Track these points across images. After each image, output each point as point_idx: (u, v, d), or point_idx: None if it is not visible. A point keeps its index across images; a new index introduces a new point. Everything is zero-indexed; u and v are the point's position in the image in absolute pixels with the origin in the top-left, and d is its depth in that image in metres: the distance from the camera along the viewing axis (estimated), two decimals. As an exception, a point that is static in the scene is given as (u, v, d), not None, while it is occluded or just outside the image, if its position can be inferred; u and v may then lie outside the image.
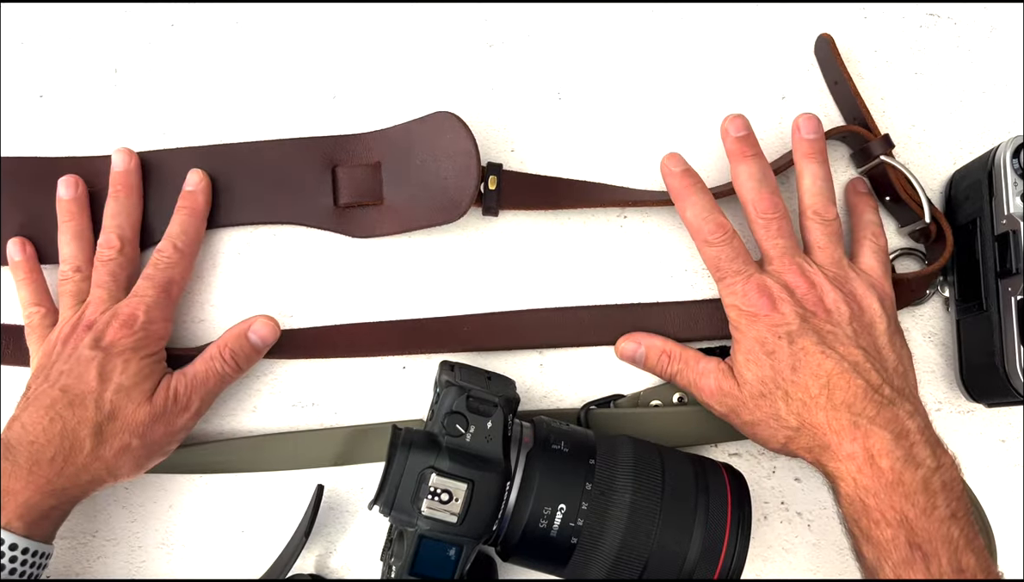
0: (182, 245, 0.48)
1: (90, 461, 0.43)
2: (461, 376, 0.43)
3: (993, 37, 0.52)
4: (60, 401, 0.43)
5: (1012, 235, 0.45)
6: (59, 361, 0.45)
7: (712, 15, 0.52)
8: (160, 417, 0.45)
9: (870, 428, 0.42)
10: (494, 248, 0.51)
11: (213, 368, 0.47)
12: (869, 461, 0.41)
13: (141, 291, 0.46)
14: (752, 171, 0.46)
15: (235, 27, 0.52)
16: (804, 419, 0.43)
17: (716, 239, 0.45)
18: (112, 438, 0.43)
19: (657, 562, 0.41)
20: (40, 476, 0.42)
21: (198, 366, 0.47)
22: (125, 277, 0.48)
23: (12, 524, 0.42)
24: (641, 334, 0.49)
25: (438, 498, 0.40)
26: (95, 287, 0.47)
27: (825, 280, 0.45)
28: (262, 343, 0.48)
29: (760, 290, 0.44)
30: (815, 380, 0.43)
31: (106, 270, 0.47)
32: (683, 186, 0.47)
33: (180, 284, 0.48)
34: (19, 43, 0.51)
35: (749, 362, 0.44)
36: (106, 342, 0.45)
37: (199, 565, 0.50)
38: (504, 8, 0.52)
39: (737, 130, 0.47)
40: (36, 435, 0.43)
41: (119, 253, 0.47)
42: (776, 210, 0.46)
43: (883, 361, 0.44)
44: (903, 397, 0.43)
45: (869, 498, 0.41)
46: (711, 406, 0.47)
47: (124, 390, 0.44)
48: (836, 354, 0.43)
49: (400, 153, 0.49)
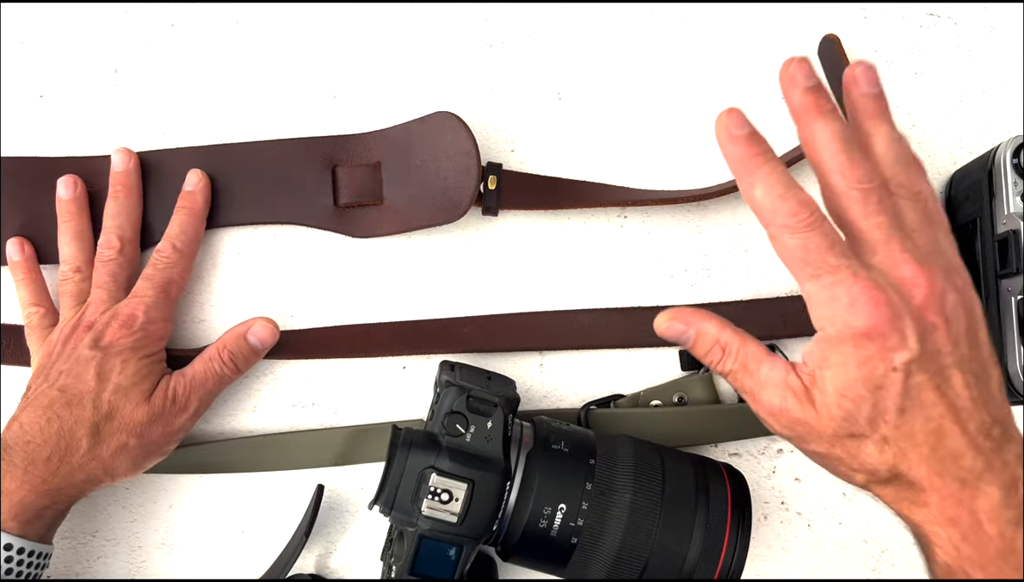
0: (181, 245, 0.48)
1: (86, 461, 0.43)
2: (461, 376, 0.43)
3: (993, 37, 0.52)
4: (58, 401, 0.43)
5: (1012, 235, 0.45)
6: (59, 361, 0.45)
7: (712, 15, 0.52)
8: (158, 417, 0.45)
9: (978, 486, 0.34)
10: (494, 248, 0.51)
11: (212, 369, 0.47)
12: (976, 527, 0.34)
13: (140, 291, 0.46)
14: (834, 130, 0.35)
15: (235, 27, 0.52)
16: (899, 470, 0.35)
17: (801, 223, 0.34)
18: (109, 438, 0.43)
19: (657, 562, 0.41)
20: (35, 475, 0.42)
21: (197, 367, 0.47)
22: (125, 277, 0.48)
23: (7, 524, 0.41)
24: (692, 312, 0.39)
25: (438, 498, 0.40)
26: (95, 287, 0.47)
27: (940, 273, 0.34)
28: (261, 345, 0.48)
29: (872, 297, 0.33)
30: (924, 428, 0.34)
31: (106, 270, 0.47)
32: (749, 156, 0.35)
33: (179, 284, 0.48)
34: (19, 43, 0.51)
35: (843, 396, 0.34)
36: (105, 342, 0.44)
37: (199, 565, 0.50)
38: (504, 8, 0.52)
39: (807, 78, 0.35)
40: (33, 435, 0.42)
41: (119, 253, 0.48)
42: (873, 178, 0.34)
43: (989, 385, 0.35)
44: (1007, 433, 0.34)
45: (976, 571, 0.34)
46: (769, 424, 0.38)
47: (122, 390, 0.44)
48: (952, 390, 0.34)
49: (400, 153, 0.49)
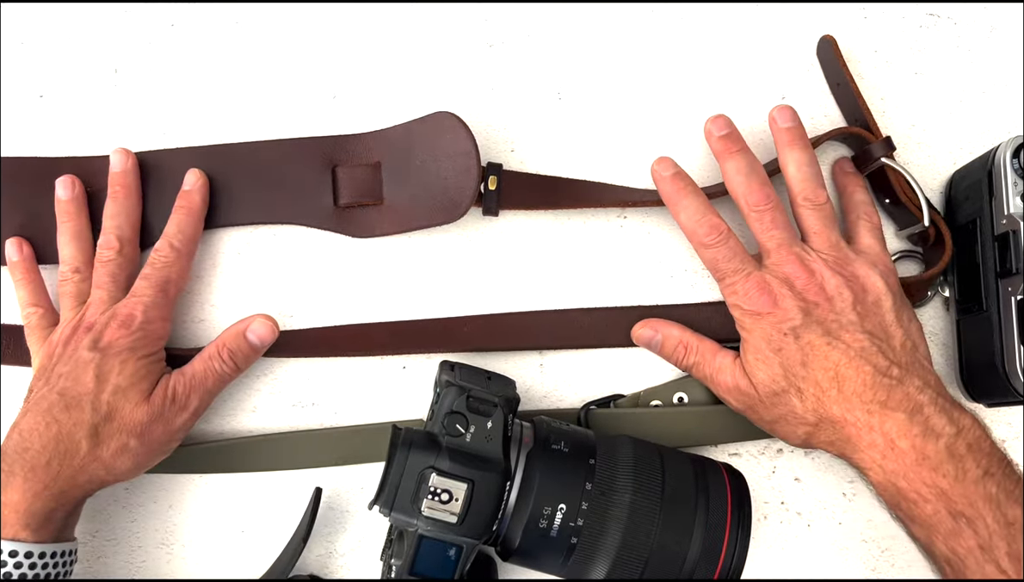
0: (179, 244, 0.48)
1: (87, 462, 0.43)
2: (461, 376, 0.43)
3: (993, 37, 0.52)
4: (57, 405, 0.43)
5: (1012, 235, 0.45)
6: (59, 363, 0.45)
7: (712, 15, 0.52)
8: (158, 417, 0.45)
9: (883, 412, 0.42)
10: (494, 248, 0.51)
11: (211, 368, 0.47)
12: (890, 445, 0.42)
13: (139, 291, 0.46)
14: (740, 165, 0.46)
15: (235, 27, 0.52)
16: (820, 414, 0.43)
17: (711, 240, 0.45)
18: (109, 439, 0.43)
19: (657, 562, 0.41)
20: (37, 482, 0.42)
21: (196, 366, 0.47)
22: (124, 278, 0.48)
23: (19, 535, 0.41)
24: (658, 321, 0.49)
25: (438, 498, 0.40)
26: (95, 288, 0.47)
27: (824, 266, 0.44)
28: (260, 343, 0.48)
29: (760, 287, 0.44)
30: (824, 373, 0.43)
31: (105, 271, 0.47)
32: (675, 190, 0.47)
33: (178, 283, 0.48)
34: (19, 43, 0.51)
35: (759, 361, 0.44)
36: (104, 343, 0.44)
37: (199, 565, 0.50)
38: (504, 8, 0.52)
39: (720, 129, 0.47)
40: (31, 442, 0.42)
41: (118, 254, 0.47)
42: (768, 201, 0.45)
43: (890, 340, 0.44)
44: (911, 373, 0.43)
45: (900, 481, 0.42)
46: (728, 402, 0.47)
47: (121, 391, 0.44)
48: (842, 343, 0.43)
49: (400, 153, 0.49)
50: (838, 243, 0.46)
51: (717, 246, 0.45)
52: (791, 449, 0.51)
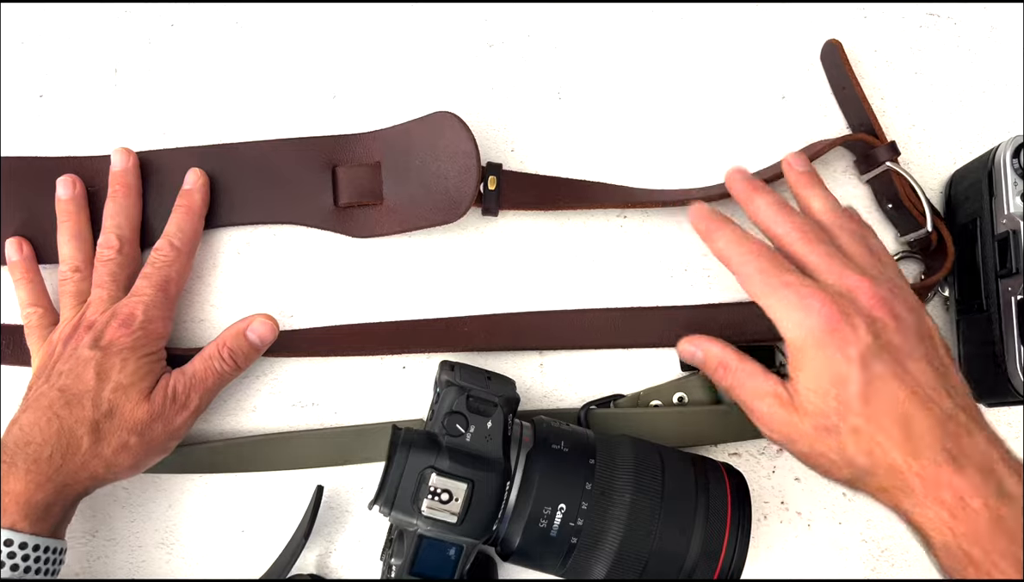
0: (179, 243, 0.47)
1: (88, 459, 0.43)
2: (461, 376, 0.43)
3: (993, 37, 0.52)
4: (58, 402, 0.43)
5: (1012, 235, 0.45)
6: (59, 362, 0.45)
7: (712, 15, 0.52)
8: (159, 416, 0.45)
9: (956, 467, 0.37)
10: (494, 248, 0.51)
11: (212, 367, 0.47)
12: (961, 505, 0.36)
13: (139, 291, 0.46)
14: (770, 199, 0.43)
15: (235, 27, 0.52)
16: (877, 459, 0.38)
17: (753, 253, 0.41)
18: (110, 436, 0.43)
19: (657, 562, 0.41)
20: (39, 473, 0.42)
21: (197, 365, 0.47)
22: (125, 277, 0.47)
23: (17, 524, 0.42)
24: (702, 338, 0.45)
25: (438, 498, 0.40)
26: (95, 287, 0.47)
27: (882, 282, 0.40)
28: (260, 342, 0.48)
29: (822, 299, 0.38)
30: (890, 413, 0.37)
31: (106, 270, 0.47)
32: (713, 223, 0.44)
33: (178, 282, 0.48)
34: (19, 43, 0.51)
35: (811, 391, 0.39)
36: (105, 342, 0.44)
37: (199, 565, 0.50)
38: (504, 8, 0.52)
39: (742, 174, 0.46)
40: (32, 436, 0.43)
41: (118, 253, 0.47)
42: (808, 223, 0.42)
43: (948, 376, 0.39)
44: (975, 420, 0.38)
45: (973, 548, 0.36)
46: (762, 430, 0.42)
47: (122, 388, 0.44)
48: (909, 376, 0.38)
49: (400, 153, 0.49)
50: (878, 263, 0.42)
51: (760, 257, 0.41)
52: (791, 449, 0.51)
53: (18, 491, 0.42)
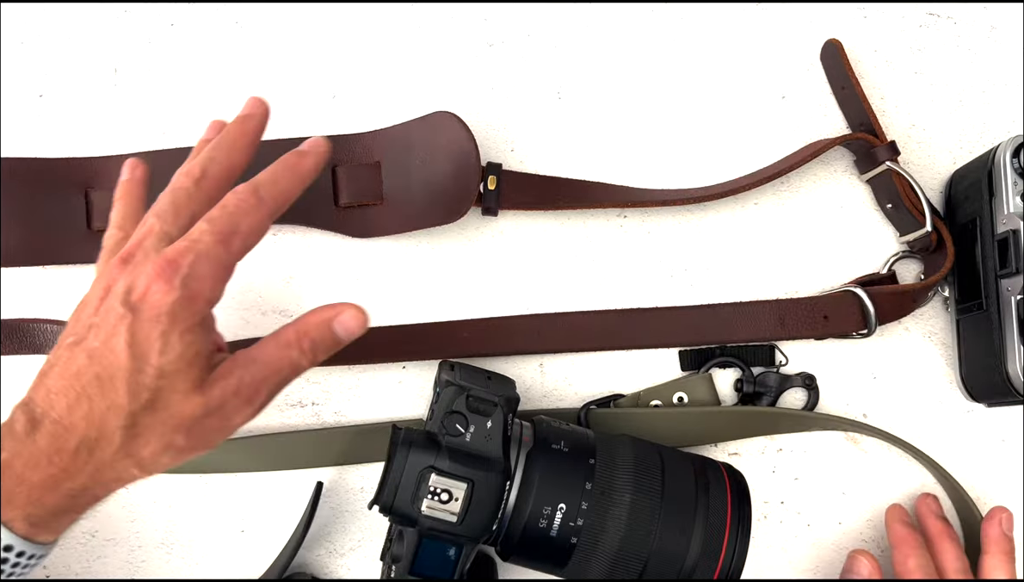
0: (266, 195, 0.37)
1: (119, 458, 0.35)
2: (461, 376, 0.43)
3: (993, 36, 0.52)
4: (86, 373, 0.35)
5: (1012, 235, 0.45)
6: (89, 305, 0.37)
7: (712, 15, 0.52)
8: (215, 411, 0.36)
9: None
10: (494, 248, 0.51)
11: (288, 357, 0.37)
12: None
13: (194, 235, 0.36)
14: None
15: (235, 27, 0.52)
16: None
17: None
18: (149, 434, 0.35)
19: (657, 562, 0.41)
20: (60, 468, 0.34)
21: (269, 351, 0.37)
22: (189, 215, 0.37)
23: (14, 523, 0.34)
24: None
25: (438, 498, 0.40)
26: (150, 214, 0.37)
27: None
28: (347, 338, 0.39)
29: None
30: None
31: (169, 199, 0.37)
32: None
33: (245, 241, 0.37)
34: (19, 43, 0.51)
35: None
36: (136, 297, 0.35)
37: (199, 565, 0.50)
38: (504, 8, 0.52)
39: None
40: (62, 412, 0.35)
41: (195, 183, 0.38)
42: None
43: None
44: None
45: None
46: None
47: (167, 376, 0.35)
48: None
49: (400, 153, 0.49)
50: None
51: None
52: (791, 449, 0.51)
53: (33, 482, 0.34)
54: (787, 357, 0.51)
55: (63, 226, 0.50)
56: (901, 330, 0.51)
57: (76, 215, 0.50)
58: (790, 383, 0.50)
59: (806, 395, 0.51)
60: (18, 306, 0.50)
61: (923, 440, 0.50)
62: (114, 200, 0.41)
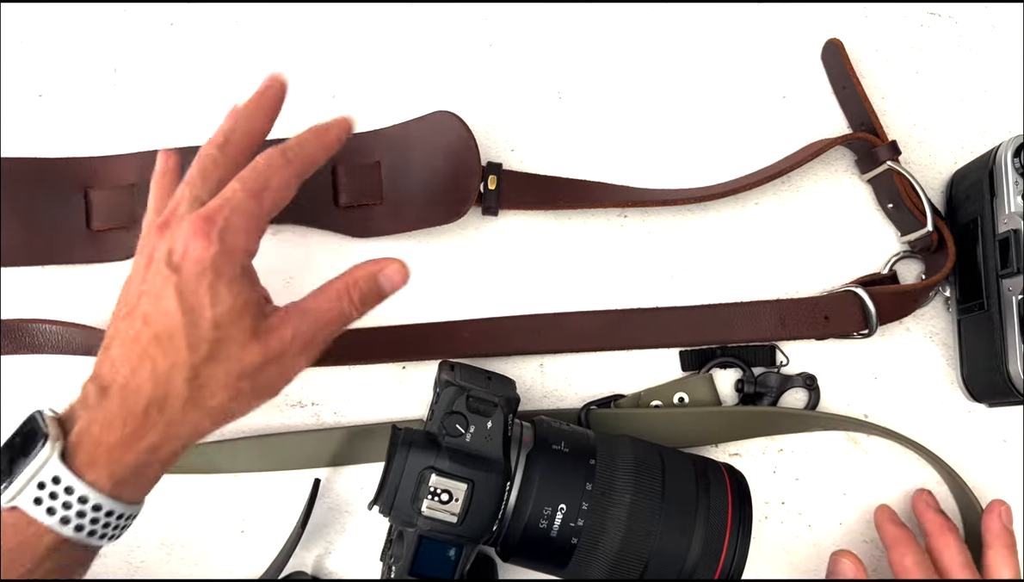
0: (293, 157, 0.39)
1: (187, 412, 0.37)
2: (461, 376, 0.43)
3: (994, 36, 0.52)
4: (144, 336, 0.37)
5: (1013, 235, 0.45)
6: (136, 275, 0.39)
7: (712, 15, 0.52)
8: (275, 358, 0.38)
9: None
10: (494, 248, 0.51)
11: (339, 308, 0.40)
12: None
13: (227, 193, 0.38)
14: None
15: (235, 27, 0.52)
16: None
17: None
18: (214, 385, 0.37)
19: (657, 562, 0.41)
20: (133, 428, 0.36)
21: (320, 303, 0.40)
22: (217, 180, 0.39)
23: (100, 482, 0.36)
24: None
25: (438, 498, 0.40)
26: (182, 184, 0.39)
27: None
28: (391, 290, 0.41)
29: None
30: None
31: (198, 167, 0.39)
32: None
33: (275, 197, 0.39)
34: (19, 43, 0.51)
35: None
36: (178, 257, 0.37)
37: (198, 565, 0.50)
38: (504, 8, 0.52)
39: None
40: (127, 376, 0.36)
41: (220, 149, 0.39)
42: None
43: None
44: None
45: None
46: None
47: (222, 327, 0.37)
48: None
49: (400, 152, 0.49)
50: None
51: None
52: (792, 449, 0.51)
53: (111, 443, 0.36)
54: (788, 357, 0.51)
55: (63, 226, 0.50)
56: (902, 330, 0.51)
57: (76, 215, 0.50)
58: (791, 383, 0.50)
59: (807, 395, 0.50)
60: (18, 306, 0.50)
61: (924, 440, 0.50)
62: (151, 187, 0.42)
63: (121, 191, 0.50)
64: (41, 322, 0.49)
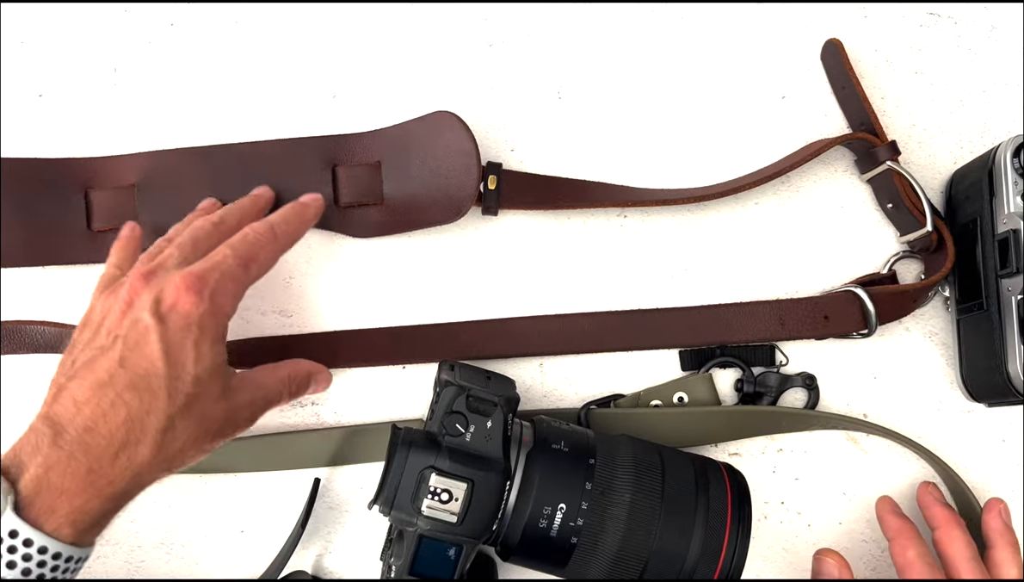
0: (280, 233, 0.43)
1: (158, 461, 0.37)
2: (461, 376, 0.43)
3: (994, 36, 0.52)
4: (120, 379, 0.36)
5: (1012, 235, 0.45)
6: (111, 318, 0.39)
7: (712, 15, 0.52)
8: (232, 419, 0.40)
9: None
10: (494, 248, 0.51)
11: (280, 391, 0.44)
12: None
13: (219, 255, 0.40)
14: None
15: (235, 27, 0.52)
16: None
17: None
18: (183, 433, 0.38)
19: (657, 562, 0.41)
20: (102, 477, 0.36)
21: (271, 382, 0.43)
22: (207, 249, 0.41)
23: (61, 531, 0.35)
24: None
25: (438, 498, 0.40)
26: (172, 247, 0.41)
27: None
28: (314, 392, 0.47)
29: None
30: None
31: (190, 233, 0.41)
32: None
33: (260, 269, 0.42)
34: (19, 43, 0.51)
35: None
36: (166, 307, 0.38)
37: (198, 565, 0.50)
38: (504, 8, 0.52)
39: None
40: (94, 420, 0.36)
41: (215, 227, 0.42)
42: None
43: None
44: None
45: None
46: None
47: (202, 383, 0.38)
48: None
49: (400, 152, 0.49)
50: None
51: None
52: (791, 449, 0.51)
53: (73, 492, 0.35)
54: (787, 357, 0.51)
55: (63, 226, 0.50)
56: (901, 330, 0.51)
57: (76, 215, 0.50)
58: (790, 383, 0.50)
59: (806, 395, 0.51)
60: (18, 306, 0.50)
61: (923, 440, 0.50)
62: (113, 246, 0.45)
63: (121, 191, 0.50)
64: (41, 324, 0.49)
